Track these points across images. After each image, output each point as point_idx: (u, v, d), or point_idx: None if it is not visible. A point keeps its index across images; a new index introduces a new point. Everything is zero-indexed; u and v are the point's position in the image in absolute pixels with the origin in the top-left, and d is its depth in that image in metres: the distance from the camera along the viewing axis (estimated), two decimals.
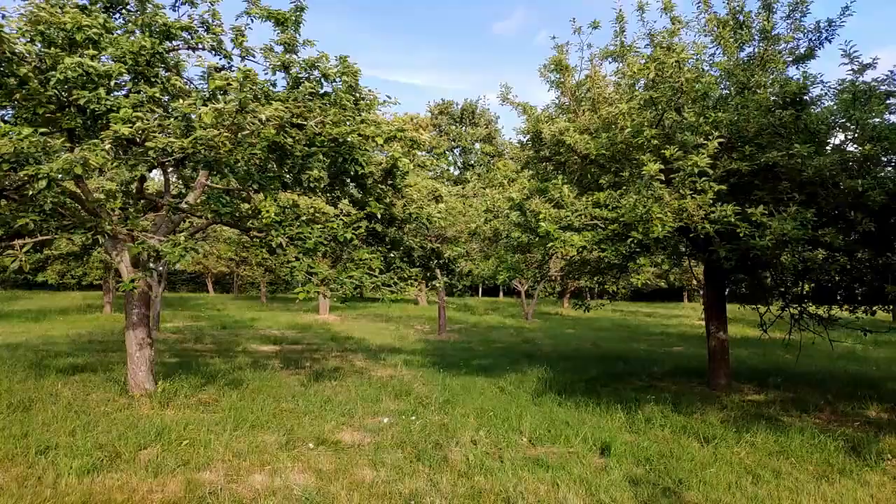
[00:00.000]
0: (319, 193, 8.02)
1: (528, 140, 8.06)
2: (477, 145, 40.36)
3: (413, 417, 6.98)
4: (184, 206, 7.63)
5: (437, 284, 8.12)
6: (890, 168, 7.16)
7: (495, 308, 31.61)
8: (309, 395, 7.93)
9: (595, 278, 10.13)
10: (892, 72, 7.11)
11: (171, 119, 6.32)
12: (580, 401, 7.89)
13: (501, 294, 46.05)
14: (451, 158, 41.85)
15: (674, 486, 4.96)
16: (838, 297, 9.52)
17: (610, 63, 8.04)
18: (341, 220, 6.48)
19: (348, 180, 7.64)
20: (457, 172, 40.67)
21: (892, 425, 6.93)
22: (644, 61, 6.05)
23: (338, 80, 7.28)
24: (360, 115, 6.88)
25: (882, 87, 7.04)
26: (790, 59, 8.22)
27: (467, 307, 31.60)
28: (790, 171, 6.53)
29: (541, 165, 7.91)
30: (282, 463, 5.33)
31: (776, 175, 6.79)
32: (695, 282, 29.50)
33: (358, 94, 7.09)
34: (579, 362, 11.92)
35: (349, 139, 6.49)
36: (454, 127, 42.21)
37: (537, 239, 6.46)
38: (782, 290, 9.60)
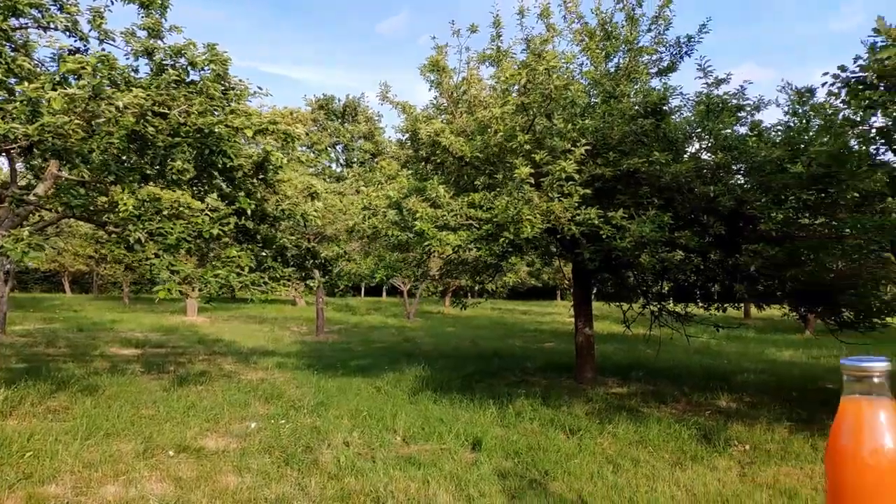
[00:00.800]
0: (185, 187, 7.61)
1: (406, 139, 8.09)
2: (359, 142, 39.96)
3: (283, 421, 6.78)
4: (31, 198, 6.98)
5: (312, 285, 7.94)
6: (739, 175, 7.82)
7: (377, 308, 31.50)
8: (171, 401, 7.50)
9: (474, 277, 10.32)
10: (742, 87, 7.78)
11: (17, 103, 5.76)
12: (455, 398, 8.00)
13: (384, 294, 45.98)
14: (332, 155, 41.20)
15: (540, 477, 5.12)
16: (696, 296, 10.30)
17: (487, 67, 8.22)
18: (207, 215, 6.17)
19: (216, 173, 7.31)
20: (339, 170, 40.10)
21: (739, 413, 7.54)
22: (517, 67, 6.23)
23: (206, 68, 6.93)
24: (229, 106, 6.59)
25: (733, 101, 7.68)
26: (654, 71, 8.77)
27: (348, 307, 31.27)
28: (650, 176, 6.95)
29: (420, 165, 7.95)
30: (138, 472, 4.99)
31: (637, 180, 7.20)
32: (566, 281, 30.85)
33: (227, 84, 6.79)
34: (457, 360, 12.11)
35: (216, 130, 6.19)
36: (335, 123, 41.54)
37: (415, 238, 6.48)
38: (644, 288, 10.21)
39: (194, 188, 7.95)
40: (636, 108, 6.99)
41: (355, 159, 39.85)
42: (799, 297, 8.58)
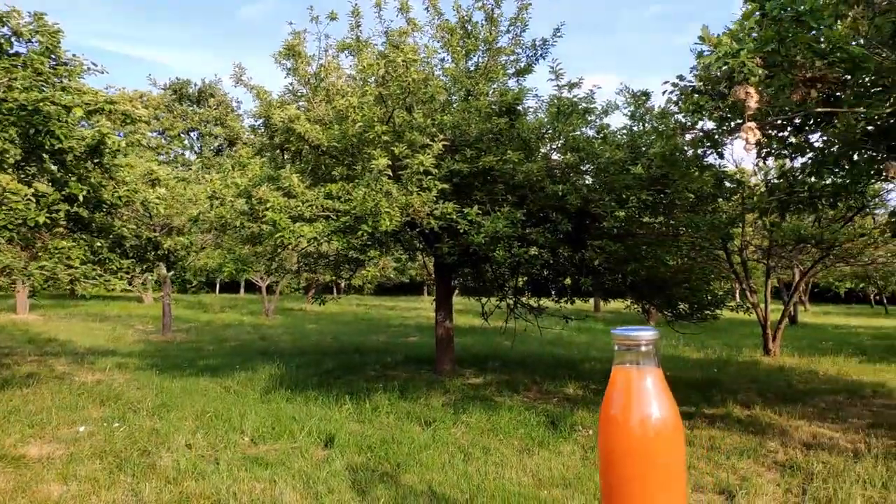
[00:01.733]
0: (10, 170, 6.84)
1: (259, 125, 7.78)
2: (215, 128, 38.02)
3: (117, 424, 6.29)
4: None
5: (151, 278, 7.42)
6: (587, 176, 8.24)
7: (234, 305, 30.20)
8: None
9: (334, 271, 10.13)
10: (591, 91, 8.19)
11: None
12: (311, 395, 7.82)
13: (242, 290, 44.15)
14: (187, 142, 38.95)
15: (392, 470, 5.11)
16: (549, 289, 10.78)
17: (346, 56, 8.09)
18: (31, 200, 5.56)
19: (46, 156, 6.63)
20: (193, 157, 37.95)
21: (584, 400, 7.94)
22: (376, 58, 6.17)
23: (33, 40, 6.27)
24: (60, 83, 5.99)
25: (583, 104, 8.08)
26: (511, 71, 9.04)
27: (201, 305, 29.71)
28: (504, 174, 7.15)
29: (275, 153, 7.67)
30: None
31: (493, 178, 7.39)
32: (430, 276, 31.26)
33: (58, 59, 6.17)
34: (316, 357, 11.86)
35: (43, 108, 5.60)
36: (190, 108, 39.27)
37: (267, 229, 6.23)
38: (500, 283, 10.52)
39: (20, 172, 7.18)
40: (492, 106, 7.16)
41: (212, 147, 37.91)
42: (639, 290, 9.22)
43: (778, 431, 6.63)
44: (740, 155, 30.13)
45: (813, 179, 5.93)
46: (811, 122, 5.37)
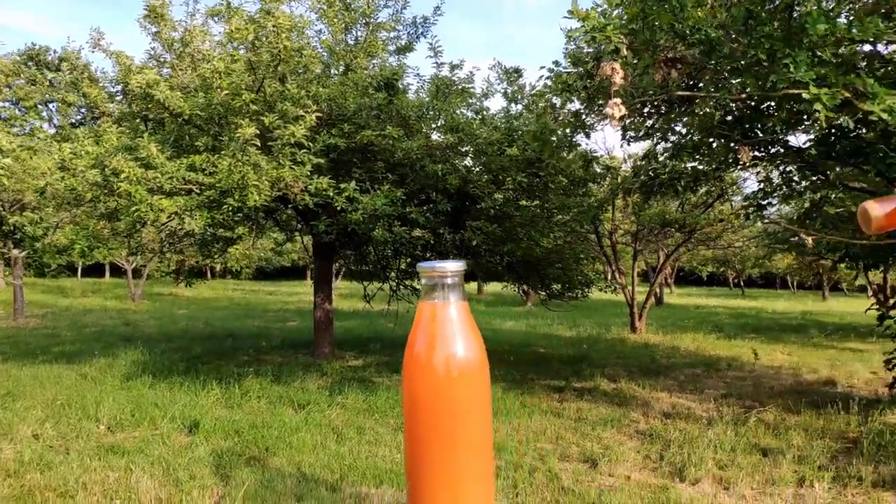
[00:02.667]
0: None
1: (118, 91, 7.18)
2: (69, 96, 34.83)
3: None
4: None
5: None
6: (469, 157, 8.27)
7: (97, 290, 28.17)
8: None
9: (202, 251, 9.60)
10: (471, 73, 8.21)
11: None
12: (176, 381, 7.40)
13: (108, 274, 41.26)
14: (45, 114, 35.64)
15: (260, 454, 4.91)
16: None
17: (216, 23, 7.63)
18: None
19: None
20: (52, 131, 34.80)
21: None
22: (245, 22, 5.84)
23: None
24: None
25: (464, 85, 8.09)
26: (392, 48, 8.89)
27: (60, 289, 27.49)
28: (383, 151, 7.03)
29: (135, 122, 7.11)
30: None
31: (372, 154, 7.25)
32: (308, 256, 30.54)
33: None
34: (185, 342, 11.26)
35: None
36: (49, 77, 35.88)
37: (122, 203, 5.76)
38: (383, 264, 10.41)
39: None
40: (370, 80, 7.01)
41: (72, 118, 34.82)
42: (516, 271, 9.43)
43: (641, 403, 7.00)
44: (613, 143, 31.69)
45: (673, 163, 6.26)
46: (674, 107, 5.63)
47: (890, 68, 5.70)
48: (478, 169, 7.97)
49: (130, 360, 8.84)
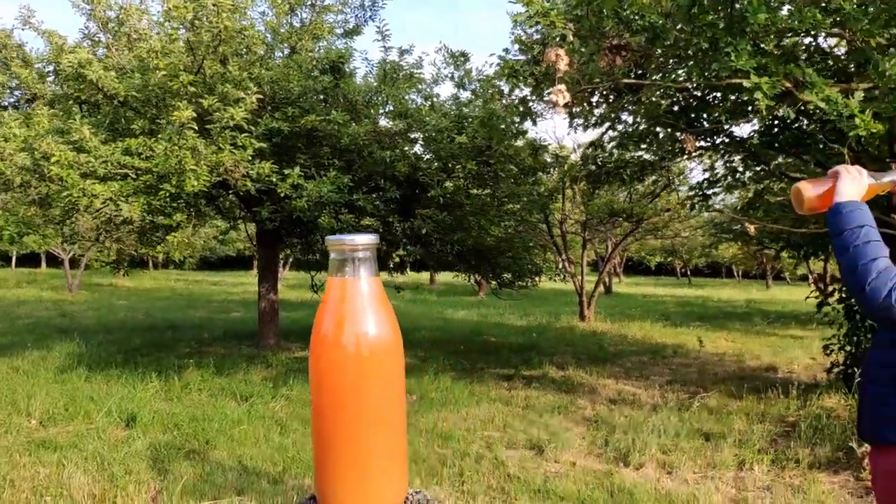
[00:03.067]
0: None
1: (49, 72, 6.83)
2: (3, 76, 33.30)
3: None
4: None
5: None
6: (419, 144, 8.17)
7: (32, 280, 27.04)
8: None
9: (141, 239, 9.27)
10: (420, 59, 8.10)
11: None
12: (114, 374, 7.13)
13: (44, 264, 39.63)
14: None
15: (200, 447, 4.76)
16: (385, 261, 10.63)
17: (154, 2, 7.34)
18: None
19: None
20: None
21: (412, 367, 7.90)
22: (184, 1, 5.60)
23: None
24: None
25: (413, 71, 7.97)
26: (340, 31, 8.70)
27: None
28: (329, 137, 6.87)
29: (67, 103, 6.77)
30: None
31: (318, 139, 7.08)
32: (253, 245, 29.91)
33: None
34: (124, 334, 10.89)
35: None
36: None
37: (54, 188, 5.48)
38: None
39: None
40: (315, 63, 6.83)
41: (6, 100, 33.26)
42: (467, 260, 9.39)
43: (588, 390, 7.07)
44: (563, 132, 31.91)
45: (619, 152, 6.30)
46: (621, 95, 5.66)
47: (829, 61, 5.85)
48: (428, 156, 7.88)
49: (65, 353, 8.49)
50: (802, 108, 4.49)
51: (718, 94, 5.85)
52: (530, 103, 4.90)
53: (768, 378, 7.77)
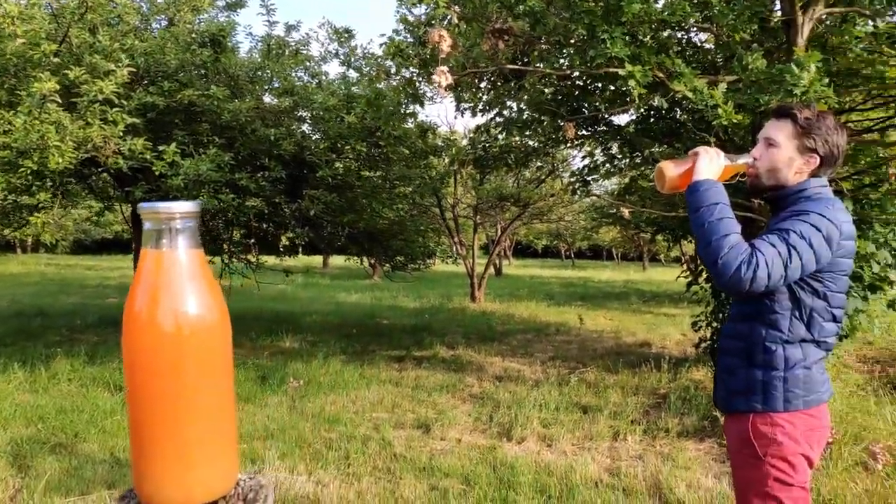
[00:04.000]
0: None
1: None
2: None
3: None
4: None
5: None
6: (307, 123, 7.97)
7: None
8: None
9: (1, 221, 8.49)
10: (307, 35, 7.90)
11: None
12: None
13: None
14: None
15: (68, 440, 4.47)
16: (273, 243, 10.33)
17: None
18: None
19: None
20: None
21: (301, 352, 7.81)
22: None
23: None
24: None
25: (300, 48, 7.76)
26: (222, 4, 8.31)
27: None
28: (209, 113, 6.58)
29: None
30: None
31: (197, 115, 6.76)
32: (129, 227, 28.23)
33: None
34: None
35: None
36: None
37: None
38: (214, 235, 9.83)
39: None
40: (194, 35, 6.50)
41: None
42: (359, 242, 9.32)
43: (476, 368, 7.23)
44: (454, 117, 32.26)
45: (504, 137, 6.44)
46: (506, 80, 5.77)
47: (700, 55, 6.24)
48: (316, 136, 7.72)
49: None
50: (674, 98, 4.76)
51: (599, 85, 6.11)
52: (418, 85, 4.91)
53: (643, 353, 8.26)
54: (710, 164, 1.93)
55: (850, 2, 4.74)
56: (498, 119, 6.84)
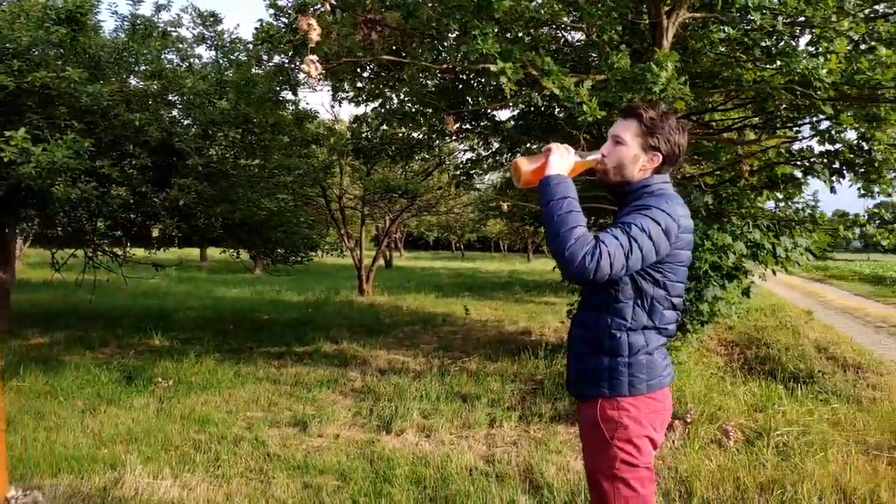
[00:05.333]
0: None
1: None
2: None
3: None
4: None
5: None
6: (177, 108, 7.55)
7: None
8: None
9: None
10: (178, 15, 7.48)
11: None
12: None
13: None
14: None
15: None
16: (144, 235, 9.70)
17: None
18: None
19: None
20: None
21: (172, 350, 7.43)
22: None
23: None
24: None
25: (169, 29, 7.32)
26: None
27: None
28: (66, 96, 6.09)
29: None
30: None
31: (52, 98, 6.24)
32: None
33: None
34: None
35: None
36: None
37: None
38: (74, 226, 9.13)
39: None
40: (48, 11, 5.98)
41: None
42: (237, 235, 8.96)
43: (360, 362, 7.17)
44: (338, 107, 31.67)
45: (384, 129, 6.39)
46: (385, 71, 5.72)
47: (574, 54, 6.45)
48: (187, 122, 7.34)
49: None
50: (547, 95, 4.89)
51: (482, 80, 6.18)
52: (291, 72, 4.75)
53: (523, 341, 8.50)
54: (561, 160, 1.99)
55: (710, 8, 5.04)
56: (381, 110, 6.79)
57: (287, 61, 4.38)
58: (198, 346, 7.68)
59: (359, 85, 6.02)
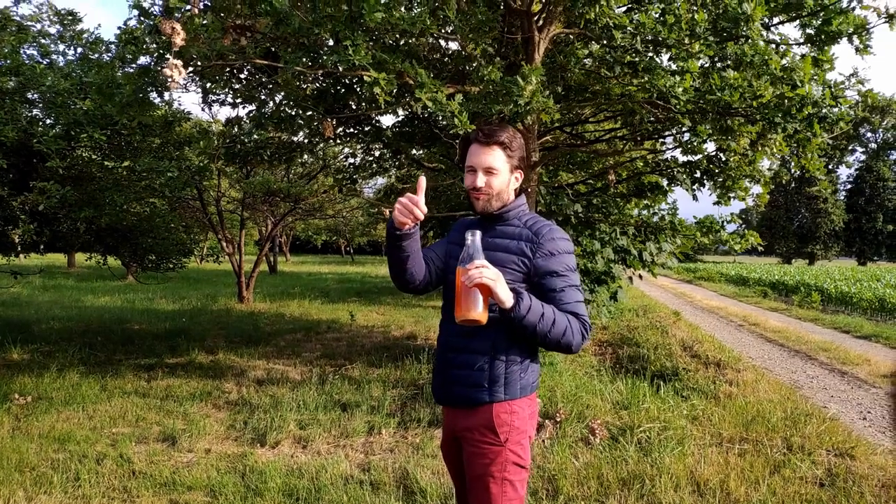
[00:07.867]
0: None
1: None
2: None
3: None
4: None
5: None
6: (38, 107, 7.02)
7: None
8: None
9: None
10: (38, 9, 6.97)
11: None
12: None
13: None
14: None
15: None
16: (16, 242, 8.89)
17: None
18: None
19: None
20: None
21: (32, 364, 6.91)
22: None
23: None
24: None
25: (28, 23, 6.81)
26: None
27: None
28: None
29: None
30: None
31: None
32: None
33: None
34: None
35: None
36: None
37: None
38: None
39: None
40: None
41: None
42: (104, 240, 8.44)
43: (236, 373, 6.95)
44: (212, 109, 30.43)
45: (258, 132, 6.25)
46: (258, 75, 5.61)
47: (451, 65, 6.59)
48: (47, 122, 6.86)
49: None
50: (421, 105, 4.98)
51: (364, 84, 6.17)
52: (157, 74, 4.54)
53: (408, 346, 8.57)
54: (504, 285, 1.94)
55: (581, 25, 5.32)
56: (257, 113, 6.63)
57: (153, 63, 4.20)
58: (61, 358, 7.18)
59: (235, 86, 5.85)
